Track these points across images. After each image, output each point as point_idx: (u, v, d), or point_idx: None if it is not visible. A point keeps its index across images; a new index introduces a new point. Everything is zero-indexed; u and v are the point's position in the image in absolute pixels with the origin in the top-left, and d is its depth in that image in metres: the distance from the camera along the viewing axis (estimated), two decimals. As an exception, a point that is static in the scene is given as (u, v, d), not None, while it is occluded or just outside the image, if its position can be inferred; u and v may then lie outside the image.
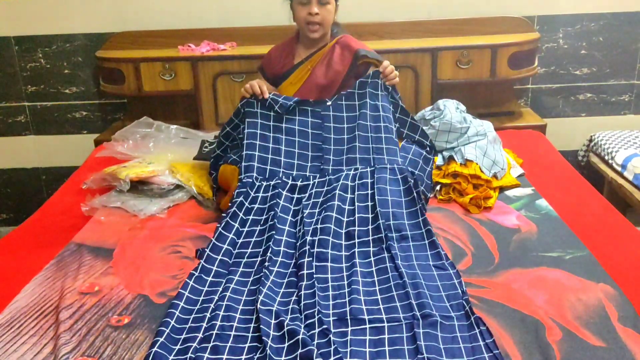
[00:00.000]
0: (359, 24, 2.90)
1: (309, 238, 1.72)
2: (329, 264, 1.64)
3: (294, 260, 1.68)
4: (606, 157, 2.89)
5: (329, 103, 2.11)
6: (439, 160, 2.27)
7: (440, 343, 1.34)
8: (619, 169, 2.75)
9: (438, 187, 2.15)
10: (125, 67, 2.79)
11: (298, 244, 1.72)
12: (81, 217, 2.08)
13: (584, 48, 3.07)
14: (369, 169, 1.97)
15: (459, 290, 1.52)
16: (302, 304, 1.48)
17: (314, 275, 1.58)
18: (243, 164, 2.01)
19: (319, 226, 1.75)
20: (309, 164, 2.04)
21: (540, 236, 1.82)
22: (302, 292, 1.52)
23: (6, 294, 1.61)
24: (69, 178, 2.47)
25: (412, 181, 1.91)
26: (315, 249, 1.67)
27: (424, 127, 2.26)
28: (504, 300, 1.50)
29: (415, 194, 1.87)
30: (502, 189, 2.16)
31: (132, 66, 2.78)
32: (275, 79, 2.32)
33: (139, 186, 2.19)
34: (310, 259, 1.64)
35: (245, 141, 2.05)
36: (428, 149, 2.19)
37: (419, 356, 1.28)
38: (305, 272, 1.59)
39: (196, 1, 2.97)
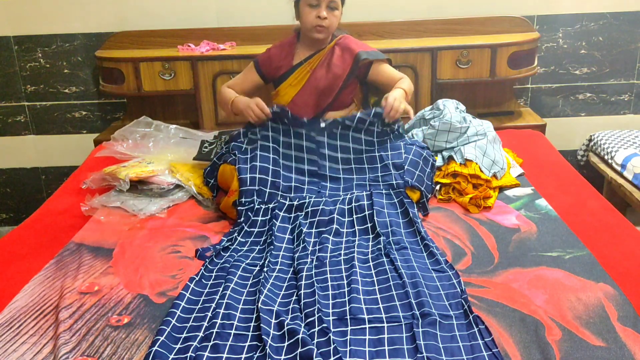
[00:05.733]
0: (359, 23, 2.90)
1: (310, 248, 1.75)
2: (327, 268, 1.65)
3: (291, 269, 1.69)
4: (606, 157, 2.89)
5: (322, 125, 2.08)
6: (438, 160, 2.27)
7: (440, 342, 1.35)
8: (619, 168, 2.76)
9: (438, 187, 2.15)
10: (124, 67, 2.79)
11: (297, 255, 1.72)
12: (81, 216, 2.08)
13: (583, 48, 3.07)
14: (364, 193, 1.98)
15: (458, 289, 1.53)
16: (302, 302, 1.49)
17: (314, 277, 1.59)
18: (242, 188, 1.99)
19: (317, 247, 1.77)
20: (306, 187, 2.04)
21: (540, 236, 1.82)
22: (302, 291, 1.53)
23: (6, 294, 1.61)
24: (68, 178, 2.47)
25: (409, 201, 1.93)
26: (314, 260, 1.69)
27: (424, 127, 2.26)
28: (504, 300, 1.50)
29: (411, 214, 1.88)
30: (501, 189, 2.16)
31: (131, 66, 2.78)
32: (274, 79, 2.32)
33: (139, 186, 2.19)
34: (310, 266, 1.66)
35: (242, 165, 2.03)
36: (428, 150, 2.19)
37: (418, 355, 1.29)
38: (304, 274, 1.61)
39: (196, 1, 2.97)
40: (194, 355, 1.32)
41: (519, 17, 2.94)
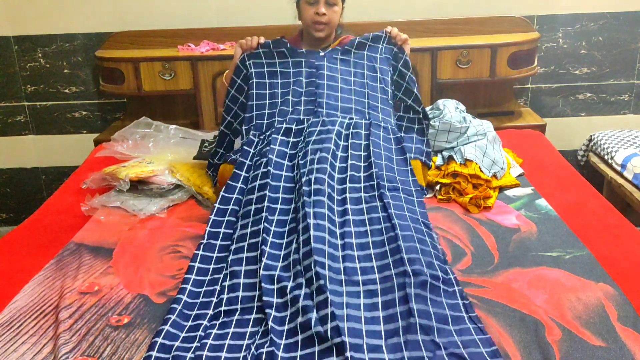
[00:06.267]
0: (359, 23, 2.90)
1: (304, 178, 1.74)
2: (325, 199, 1.66)
3: (293, 205, 1.72)
4: (606, 157, 2.89)
5: (322, 54, 2.10)
6: (438, 160, 2.27)
7: (430, 306, 1.38)
8: (619, 168, 2.76)
9: (438, 187, 2.15)
10: (124, 67, 2.79)
11: (296, 187, 1.75)
12: (81, 216, 2.08)
13: (583, 48, 3.07)
14: (363, 121, 2.00)
15: (439, 251, 1.62)
16: (300, 252, 1.51)
17: (310, 213, 1.60)
18: (244, 127, 2.06)
19: (315, 166, 1.77)
20: (303, 108, 2.04)
21: (540, 236, 1.82)
22: (300, 238, 1.55)
23: (6, 294, 1.61)
24: (68, 178, 2.47)
25: (404, 143, 1.99)
26: (312, 186, 1.69)
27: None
28: (504, 300, 1.50)
29: (407, 153, 1.95)
30: (501, 189, 2.16)
31: (131, 66, 2.78)
32: None
33: (139, 186, 2.19)
34: (308, 198, 1.66)
35: (247, 103, 2.09)
36: (426, 121, 2.19)
37: (411, 320, 1.32)
38: (300, 214, 1.62)
39: (196, 1, 2.97)
40: (203, 334, 1.37)
41: (519, 17, 2.94)
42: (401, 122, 2.18)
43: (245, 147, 1.97)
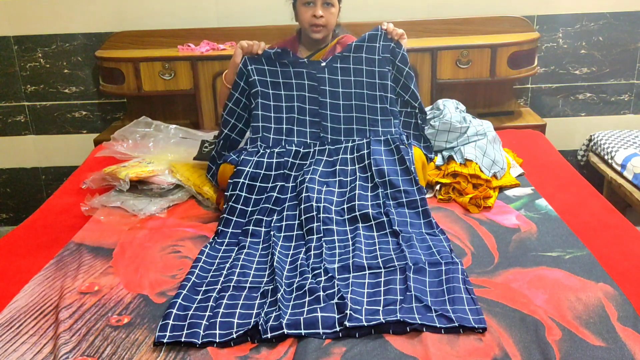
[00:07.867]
0: (359, 23, 2.90)
1: (314, 204, 1.88)
2: (334, 227, 1.83)
3: (297, 221, 1.87)
4: (606, 157, 2.89)
5: (323, 64, 2.11)
6: (438, 160, 2.27)
7: (427, 286, 1.55)
8: (619, 168, 2.76)
9: (438, 187, 2.15)
10: (124, 67, 2.79)
11: (303, 206, 1.88)
12: (81, 216, 2.08)
13: (583, 48, 3.07)
14: (364, 141, 2.07)
15: (447, 248, 1.73)
16: (310, 261, 1.68)
17: (322, 239, 1.77)
18: (250, 135, 2.12)
19: (322, 204, 1.88)
20: (308, 130, 2.12)
21: (540, 236, 1.82)
22: (312, 252, 1.72)
23: (6, 294, 1.61)
24: (68, 178, 2.47)
25: (404, 147, 2.04)
26: (322, 214, 1.85)
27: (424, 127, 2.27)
28: (504, 300, 1.50)
29: (407, 162, 2.00)
30: (501, 189, 2.16)
31: (131, 66, 2.78)
32: None
33: (139, 186, 2.19)
34: (319, 223, 1.82)
35: (253, 111, 2.13)
36: (421, 115, 2.21)
37: (407, 293, 1.49)
38: (314, 236, 1.78)
39: (196, 1, 2.97)
40: (214, 304, 1.50)
41: (519, 17, 2.94)
42: (400, 117, 2.19)
43: (249, 156, 2.02)
